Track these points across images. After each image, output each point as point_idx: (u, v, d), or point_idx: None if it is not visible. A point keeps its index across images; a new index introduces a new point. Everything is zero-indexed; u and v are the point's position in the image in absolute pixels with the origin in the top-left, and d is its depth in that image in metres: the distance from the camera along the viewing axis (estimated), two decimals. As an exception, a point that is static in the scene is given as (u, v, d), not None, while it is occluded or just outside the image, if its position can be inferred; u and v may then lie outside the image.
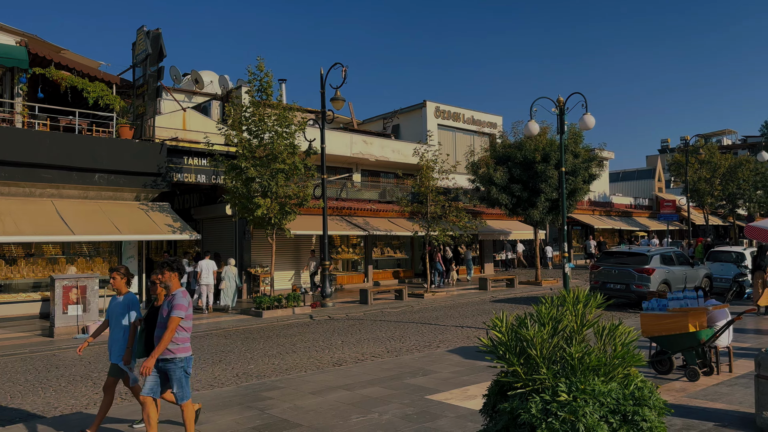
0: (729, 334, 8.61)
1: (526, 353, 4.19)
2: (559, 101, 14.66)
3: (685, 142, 32.41)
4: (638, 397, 3.87)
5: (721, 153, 40.57)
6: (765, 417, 5.74)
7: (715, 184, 37.93)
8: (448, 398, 7.51)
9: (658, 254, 16.91)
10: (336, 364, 10.22)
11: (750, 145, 64.45)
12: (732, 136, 77.40)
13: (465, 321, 15.25)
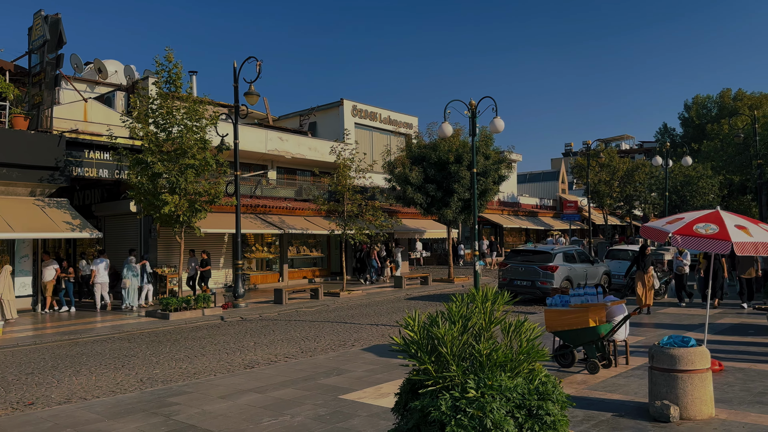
0: (626, 328, 9.16)
1: (437, 351, 4.23)
2: (471, 104, 15.05)
3: (587, 147, 34.29)
4: (542, 392, 4.00)
5: (619, 157, 43.27)
6: (657, 406, 6.13)
7: (614, 186, 40.38)
8: (362, 397, 7.50)
9: (561, 252, 17.76)
10: (247, 367, 9.96)
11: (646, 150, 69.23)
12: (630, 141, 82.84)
13: (380, 319, 15.34)
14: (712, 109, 53.42)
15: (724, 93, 52.27)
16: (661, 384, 6.22)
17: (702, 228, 7.98)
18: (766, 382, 7.57)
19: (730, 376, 7.95)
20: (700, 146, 47.82)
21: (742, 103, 48.48)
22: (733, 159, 41.95)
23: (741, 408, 6.47)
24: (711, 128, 46.76)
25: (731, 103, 50.18)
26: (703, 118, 53.22)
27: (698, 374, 6.09)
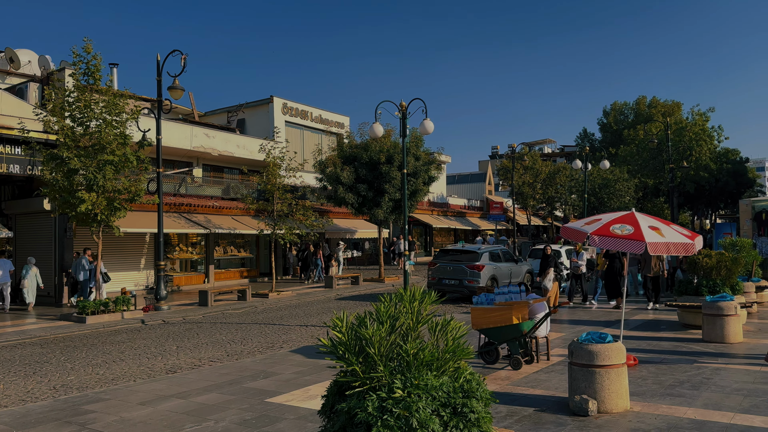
0: (547, 325, 9.49)
1: (365, 352, 4.21)
2: (402, 106, 15.17)
3: (512, 150, 35.37)
4: (467, 390, 4.06)
5: (542, 160, 44.91)
6: (576, 401, 6.36)
7: (537, 188, 41.86)
8: (289, 400, 7.39)
9: (487, 252, 18.21)
10: (170, 372, 9.60)
11: (567, 154, 72.17)
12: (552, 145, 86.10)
13: (310, 320, 15.19)
14: (628, 115, 56.31)
15: (640, 100, 55.24)
16: (580, 379, 6.46)
17: (618, 229, 8.37)
18: (676, 375, 8.02)
19: (643, 370, 8.38)
20: (617, 150, 50.32)
21: (656, 110, 51.40)
22: (648, 163, 44.44)
23: (653, 400, 6.82)
24: (627, 133, 49.30)
25: (646, 110, 53.11)
26: (621, 124, 56.02)
27: (614, 369, 6.38)
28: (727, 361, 8.73)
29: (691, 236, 8.70)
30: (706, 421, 5.99)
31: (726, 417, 6.09)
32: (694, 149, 44.35)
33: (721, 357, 9.06)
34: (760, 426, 5.79)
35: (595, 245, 8.37)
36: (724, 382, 7.54)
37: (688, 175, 44.45)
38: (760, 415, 6.14)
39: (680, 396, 6.94)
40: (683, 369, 8.32)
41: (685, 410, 6.37)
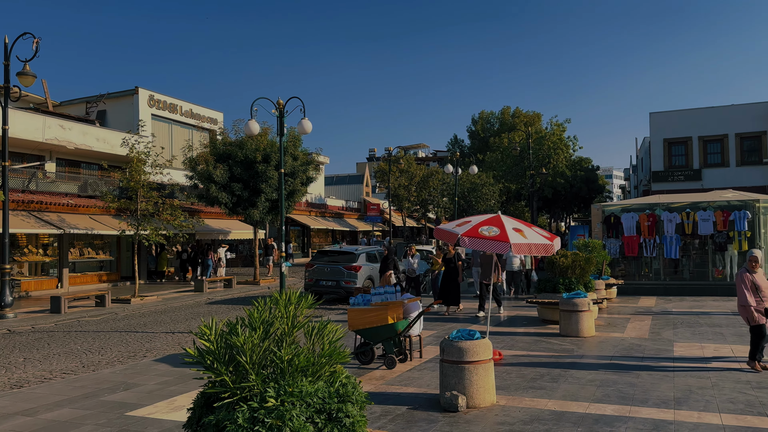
0: (420, 323, 9.71)
1: (236, 360, 4.00)
2: (279, 104, 14.85)
3: (389, 153, 36.10)
4: (343, 394, 3.99)
5: (417, 164, 46.29)
6: (447, 397, 6.54)
7: (412, 190, 43.09)
8: (152, 412, 6.89)
9: (364, 253, 18.37)
10: (15, 386, 8.60)
11: (439, 159, 75.09)
12: (426, 149, 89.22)
13: (177, 326, 14.38)
14: (494, 124, 59.71)
15: (505, 110, 58.77)
16: (451, 375, 6.66)
17: (486, 230, 8.75)
18: (537, 368, 8.54)
19: (508, 364, 8.83)
20: (484, 157, 53.13)
21: (519, 119, 54.97)
22: (511, 169, 47.36)
23: (517, 393, 7.20)
24: (493, 141, 52.25)
25: (510, 120, 56.61)
26: (487, 132, 59.27)
27: (482, 365, 6.64)
28: (582, 355, 9.45)
29: (550, 237, 9.32)
30: (564, 411, 6.42)
31: (582, 407, 6.56)
32: (552, 157, 47.97)
33: (576, 350, 9.80)
34: (611, 414, 6.30)
35: (465, 246, 8.70)
36: (579, 374, 8.14)
37: (546, 181, 47.97)
38: (611, 404, 6.68)
39: (541, 388, 7.38)
40: (543, 362, 8.89)
41: (546, 402, 6.78)
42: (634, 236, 18.97)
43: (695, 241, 18.50)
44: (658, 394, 6.97)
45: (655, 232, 18.69)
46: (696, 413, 6.22)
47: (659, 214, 18.62)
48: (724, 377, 7.75)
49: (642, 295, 17.96)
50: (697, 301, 16.10)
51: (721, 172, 27.28)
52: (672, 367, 8.35)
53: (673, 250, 18.24)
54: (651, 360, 8.86)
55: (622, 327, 12.05)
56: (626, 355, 9.24)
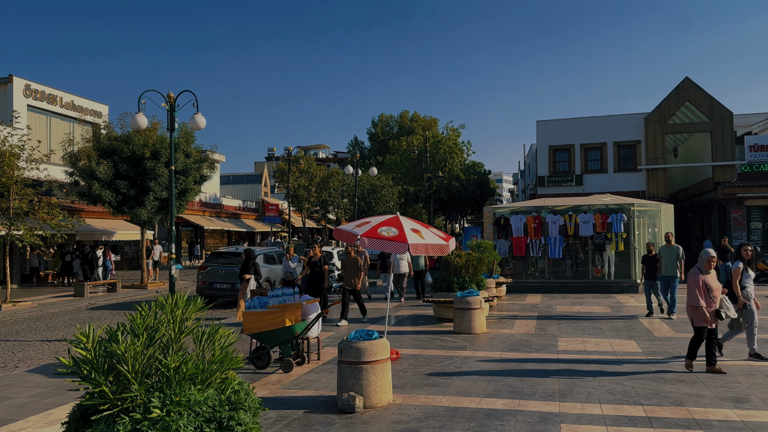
0: (318, 325, 9.60)
1: (117, 369, 3.71)
2: (170, 97, 14.14)
3: (288, 152, 35.59)
4: (234, 401, 3.81)
5: (317, 164, 46.04)
6: (344, 398, 6.49)
7: (312, 191, 42.77)
8: (24, 428, 6.29)
9: (262, 254, 17.93)
10: None
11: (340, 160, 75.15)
12: (326, 150, 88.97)
13: (54, 334, 13.28)
14: (393, 127, 60.65)
15: (404, 114, 59.88)
16: (349, 376, 6.61)
17: (385, 231, 8.81)
18: (432, 365, 8.71)
19: (404, 362, 8.94)
20: (384, 159, 53.82)
21: (417, 124, 56.21)
22: (410, 172, 48.29)
23: (413, 391, 7.28)
24: (393, 144, 53.03)
25: (409, 123, 57.75)
26: (387, 135, 60.09)
27: (380, 364, 6.65)
28: (474, 351, 9.76)
29: (446, 238, 9.55)
30: (458, 407, 6.57)
31: (474, 402, 6.75)
32: (448, 161, 49.46)
33: (469, 347, 10.10)
34: (501, 408, 6.53)
35: (364, 246, 8.70)
36: (472, 370, 8.39)
37: (442, 184, 49.41)
38: (502, 398, 6.93)
39: (436, 385, 7.53)
40: (438, 360, 9.08)
41: (441, 399, 6.92)
42: (522, 237, 19.94)
43: (577, 242, 19.77)
44: (545, 388, 7.32)
45: (540, 234, 19.77)
46: (579, 404, 6.59)
47: (544, 216, 19.70)
48: (604, 370, 8.29)
49: (529, 292, 18.93)
50: (578, 298, 17.18)
51: (600, 178, 29.36)
52: (557, 361, 8.82)
53: (557, 251, 19.37)
54: (538, 355, 9.31)
55: (511, 323, 12.61)
56: (515, 351, 9.65)
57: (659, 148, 27.90)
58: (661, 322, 12.49)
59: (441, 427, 5.91)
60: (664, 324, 12.17)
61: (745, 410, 6.27)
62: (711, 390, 7.10)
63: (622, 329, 11.65)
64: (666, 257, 12.92)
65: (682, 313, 13.20)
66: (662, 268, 12.97)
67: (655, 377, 7.74)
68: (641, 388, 7.22)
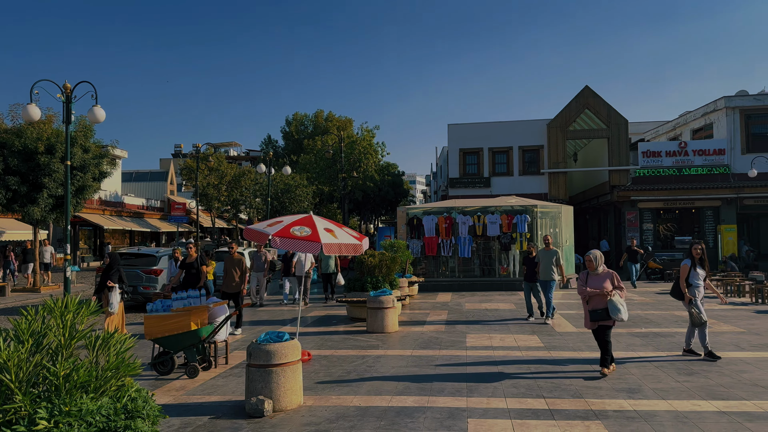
0: (226, 328, 9.29)
1: (-3, 379, 3.40)
2: (66, 88, 13.23)
3: (197, 149, 34.33)
4: (131, 409, 3.59)
5: (228, 162, 44.75)
6: (253, 402, 6.31)
7: (222, 190, 41.53)
8: None
9: (166, 255, 17.17)
10: None
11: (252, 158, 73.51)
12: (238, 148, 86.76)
13: (-72, 343, 12.03)
14: (308, 126, 60.12)
15: (319, 113, 59.50)
16: (258, 380, 6.44)
17: (298, 230, 8.67)
18: (345, 366, 8.67)
19: (316, 363, 8.84)
20: (298, 158, 53.22)
21: (332, 124, 56.02)
22: (324, 171, 48.04)
23: (325, 393, 7.20)
24: (307, 143, 52.53)
25: (324, 123, 57.45)
26: (301, 134, 59.47)
27: (290, 366, 6.52)
28: (386, 350, 9.82)
29: (359, 238, 9.53)
30: (369, 406, 6.56)
31: (385, 401, 6.77)
32: (363, 161, 49.65)
33: (382, 346, 10.15)
34: (411, 405, 6.58)
35: (276, 246, 8.51)
36: (383, 368, 8.42)
37: (357, 184, 49.54)
38: (412, 395, 7.00)
39: (348, 385, 7.49)
40: (350, 360, 9.05)
41: (352, 399, 6.88)
42: (433, 237, 20.35)
43: (485, 242, 20.43)
44: (454, 384, 7.47)
45: (451, 234, 20.26)
46: (486, 399, 6.77)
47: (455, 216, 20.21)
48: (509, 365, 8.58)
49: (440, 291, 19.34)
50: (486, 295, 17.75)
51: (507, 180, 30.53)
52: (465, 357, 9.03)
53: (467, 250, 19.93)
54: (447, 352, 9.50)
55: (423, 321, 12.81)
56: (426, 348, 9.80)
57: (560, 153, 29.38)
58: (560, 316, 13.13)
59: (351, 427, 5.87)
60: (564, 319, 12.80)
61: (638, 400, 6.69)
62: (607, 382, 7.52)
63: (526, 325, 12.14)
64: (544, 261, 12.56)
65: (564, 313, 13.92)
66: (540, 271, 12.64)
67: (557, 370, 8.10)
68: (543, 382, 7.54)
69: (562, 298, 17.21)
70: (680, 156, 26.95)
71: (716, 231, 26.41)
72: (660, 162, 27.09)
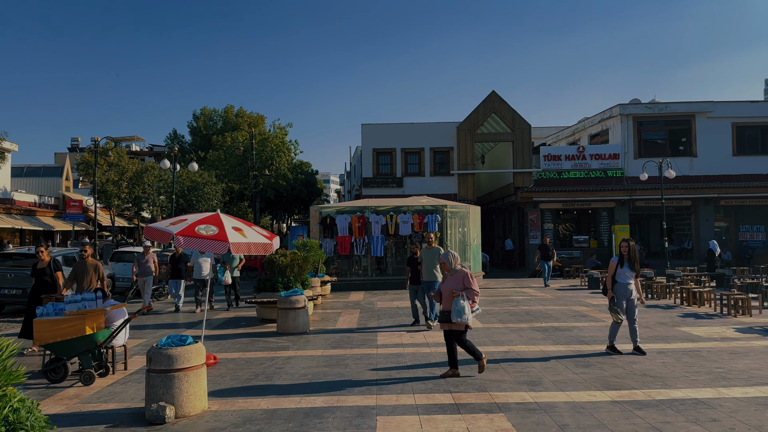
0: (125, 332, 8.81)
1: None
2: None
3: (96, 143, 32.40)
4: (13, 421, 3.31)
5: (129, 158, 42.53)
6: (153, 409, 6.00)
7: (123, 186, 39.41)
8: None
9: (60, 255, 16.08)
10: None
11: (156, 154, 70.31)
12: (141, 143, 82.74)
13: None
14: (217, 121, 58.27)
15: (229, 109, 57.83)
16: (159, 386, 6.14)
17: (203, 229, 8.36)
18: (253, 368, 8.45)
19: (223, 367, 8.56)
20: (206, 155, 51.49)
21: (243, 120, 54.67)
22: (234, 169, 46.79)
23: (231, 396, 6.98)
24: (216, 139, 50.92)
25: (234, 119, 55.93)
26: (210, 129, 57.55)
27: (194, 371, 6.27)
28: (297, 350, 9.68)
29: (269, 237, 9.34)
30: (277, 409, 6.43)
31: (294, 402, 6.66)
32: (275, 159, 48.81)
33: (292, 346, 10.00)
34: (321, 405, 6.52)
35: (179, 246, 8.16)
36: (293, 369, 8.30)
37: (269, 182, 48.63)
38: (322, 395, 6.93)
39: (256, 388, 7.31)
40: (259, 362, 8.84)
41: (260, 401, 6.72)
42: (347, 236, 20.35)
43: (397, 241, 20.69)
44: (364, 382, 7.48)
45: (364, 233, 20.35)
46: (395, 396, 6.83)
47: (368, 216, 20.31)
48: (418, 362, 8.71)
49: (353, 290, 19.38)
50: (397, 294, 17.96)
51: (418, 181, 31.07)
52: (376, 356, 9.07)
53: (379, 249, 20.09)
54: (358, 350, 9.51)
55: (335, 321, 12.76)
56: (337, 348, 9.76)
57: (469, 155, 30.29)
58: (469, 314, 13.49)
59: (258, 431, 5.73)
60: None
61: (539, 392, 6.98)
62: (510, 375, 7.80)
63: (434, 322, 12.38)
64: (427, 260, 11.51)
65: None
66: (423, 272, 11.69)
67: (463, 365, 8.31)
68: (451, 377, 7.70)
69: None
70: (579, 160, 28.56)
71: (611, 231, 28.21)
72: (560, 165, 28.56)
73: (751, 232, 28.59)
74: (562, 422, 5.83)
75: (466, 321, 7.43)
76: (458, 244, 21.11)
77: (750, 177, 28.07)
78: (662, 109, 28.63)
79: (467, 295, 7.54)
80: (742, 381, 7.32)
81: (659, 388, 7.06)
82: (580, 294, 17.87)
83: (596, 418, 5.94)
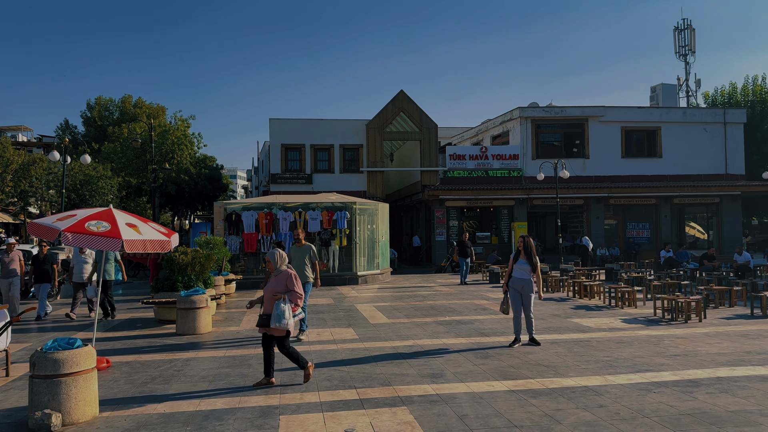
0: (7, 336, 8.14)
1: None
2: None
3: (-25, 132, 29.71)
4: None
5: (15, 149, 39.30)
6: (37, 417, 5.58)
7: (7, 180, 36.40)
8: None
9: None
10: None
11: (45, 145, 65.36)
12: (28, 133, 76.67)
13: None
14: (114, 112, 55.09)
15: (126, 99, 54.82)
16: (44, 392, 5.72)
17: (94, 226, 7.87)
18: (149, 371, 8.07)
19: (117, 371, 8.11)
20: (101, 147, 48.59)
21: (142, 110, 52.01)
22: (132, 162, 44.48)
23: (125, 402, 6.62)
24: (112, 131, 48.17)
25: (132, 110, 53.10)
26: (106, 120, 54.32)
27: (83, 375, 5.89)
28: (197, 351, 9.35)
29: (167, 234, 8.95)
30: (174, 412, 6.17)
31: (193, 405, 6.43)
32: (177, 153, 46.87)
33: (192, 348, 9.65)
34: (222, 407, 6.32)
35: (67, 243, 7.64)
36: (193, 371, 8.00)
37: (170, 176, 46.63)
38: (223, 397, 6.73)
39: (152, 392, 6.98)
40: (156, 365, 8.46)
41: (156, 406, 6.42)
42: (253, 233, 19.94)
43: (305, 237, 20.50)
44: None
45: (272, 230, 20.02)
46: (299, 394, 6.76)
47: (276, 212, 20.00)
48: (324, 359, 8.68)
49: (259, 288, 18.98)
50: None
51: (328, 177, 30.93)
52: (280, 354, 8.94)
53: (287, 246, 19.83)
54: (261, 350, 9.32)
55: (239, 320, 12.46)
56: (241, 348, 9.53)
57: (378, 153, 30.56)
58: (375, 309, 13.64)
59: (154, 436, 5.48)
60: (378, 311, 13.32)
61: (440, 384, 7.17)
62: (414, 369, 7.96)
63: (342, 318, 12.41)
64: (296, 259, 10.50)
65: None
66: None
67: (369, 361, 8.38)
68: (356, 372, 7.75)
69: (378, 291, 17.94)
70: (482, 159, 29.60)
71: (510, 228, 29.48)
72: (464, 164, 29.48)
73: (637, 229, 30.88)
74: (461, 413, 6.02)
75: (285, 326, 6.81)
76: (367, 241, 21.26)
77: (637, 178, 30.30)
78: (558, 112, 30.25)
79: (289, 298, 7.02)
80: (627, 368, 7.88)
81: (552, 377, 7.46)
82: (481, 288, 18.54)
83: (494, 408, 6.18)
